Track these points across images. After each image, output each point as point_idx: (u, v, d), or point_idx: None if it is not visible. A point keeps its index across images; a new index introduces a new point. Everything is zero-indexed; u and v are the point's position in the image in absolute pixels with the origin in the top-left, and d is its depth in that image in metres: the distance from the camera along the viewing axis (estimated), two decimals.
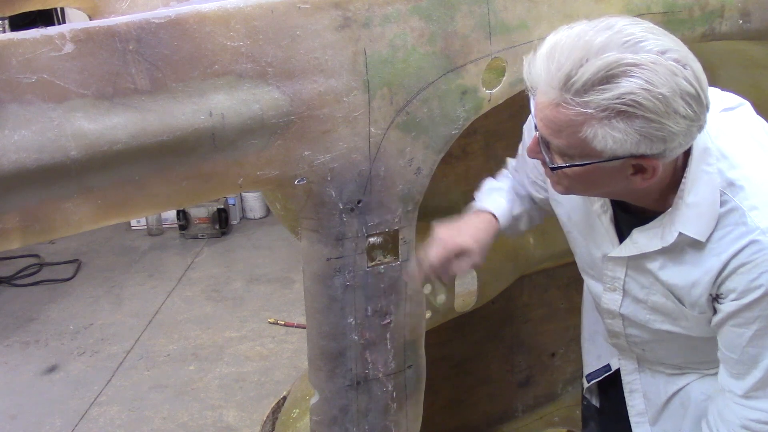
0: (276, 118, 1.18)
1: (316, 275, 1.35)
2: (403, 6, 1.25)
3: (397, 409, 1.49)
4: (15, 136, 1.00)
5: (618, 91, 0.96)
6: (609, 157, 1.03)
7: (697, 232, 1.13)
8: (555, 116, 1.03)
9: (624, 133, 0.98)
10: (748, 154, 1.13)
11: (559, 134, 1.04)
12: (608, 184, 1.11)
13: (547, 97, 1.03)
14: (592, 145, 1.01)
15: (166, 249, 4.82)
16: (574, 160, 1.06)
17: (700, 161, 1.11)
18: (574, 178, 1.11)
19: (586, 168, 1.06)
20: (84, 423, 3.03)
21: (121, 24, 1.05)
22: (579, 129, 1.01)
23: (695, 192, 1.12)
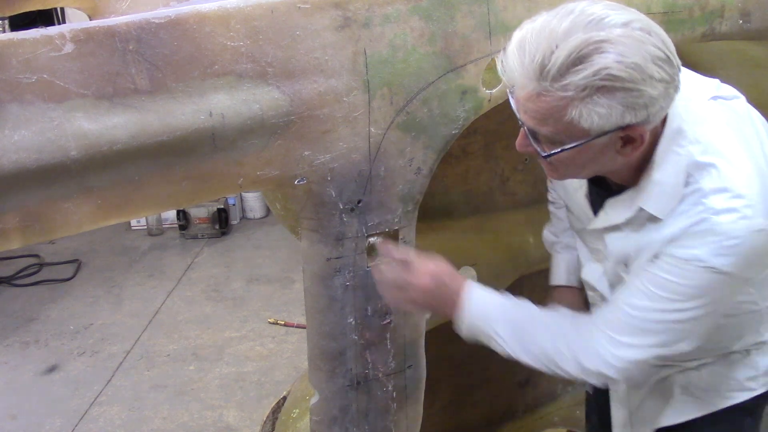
0: (276, 118, 1.18)
1: (316, 275, 1.35)
2: (403, 6, 1.25)
3: (397, 409, 1.49)
4: (15, 136, 1.00)
5: (593, 68, 0.98)
6: (597, 133, 1.05)
7: (656, 209, 1.16)
8: (537, 106, 1.05)
9: (607, 107, 1.01)
10: (724, 141, 1.14)
11: (545, 122, 1.06)
12: (600, 161, 1.13)
13: (526, 90, 1.05)
14: (580, 125, 1.04)
15: (166, 249, 4.82)
16: (565, 144, 1.08)
17: (671, 142, 1.14)
18: (568, 162, 1.12)
19: (578, 149, 1.08)
20: (84, 423, 3.03)
21: (121, 24, 1.05)
22: (563, 113, 1.03)
23: (662, 170, 1.15)
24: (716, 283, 1.12)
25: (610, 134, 1.06)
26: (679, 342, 1.19)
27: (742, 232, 1.08)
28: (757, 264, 1.14)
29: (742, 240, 1.08)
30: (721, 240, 1.09)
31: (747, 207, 1.09)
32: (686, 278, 1.12)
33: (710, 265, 1.10)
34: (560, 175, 1.20)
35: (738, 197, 1.09)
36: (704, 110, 1.17)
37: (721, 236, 1.09)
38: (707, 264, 1.10)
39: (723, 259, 1.09)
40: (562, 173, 1.19)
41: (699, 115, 1.16)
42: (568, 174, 1.20)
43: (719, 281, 1.12)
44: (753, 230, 1.09)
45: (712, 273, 1.10)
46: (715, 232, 1.09)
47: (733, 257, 1.09)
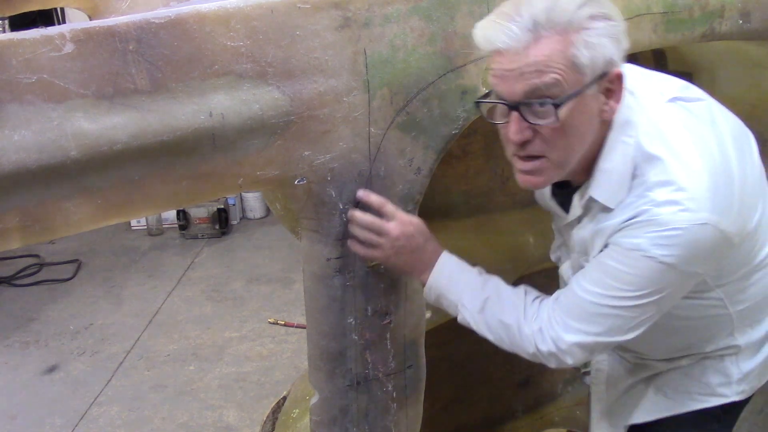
0: (276, 118, 1.18)
1: (316, 275, 1.35)
2: (403, 6, 1.25)
3: (397, 409, 1.49)
4: (15, 136, 1.00)
5: (578, 2, 1.08)
6: (591, 77, 1.10)
7: (604, 198, 1.20)
8: (537, 54, 1.08)
9: (598, 36, 1.08)
10: (674, 137, 1.17)
11: (547, 69, 1.08)
12: (589, 125, 1.15)
13: (521, 45, 1.08)
14: (578, 63, 1.08)
15: (166, 249, 4.82)
16: (565, 92, 1.09)
17: (620, 132, 1.18)
18: (565, 129, 1.12)
19: (576, 104, 1.11)
20: (84, 423, 3.03)
21: (121, 24, 1.05)
22: (564, 48, 1.08)
23: (610, 159, 1.19)
24: (658, 274, 1.14)
25: (597, 83, 1.11)
26: (622, 331, 1.21)
27: (683, 224, 1.11)
28: (701, 258, 1.16)
29: (682, 232, 1.11)
30: (661, 231, 1.12)
31: (689, 200, 1.12)
32: (630, 267, 1.16)
33: (650, 254, 1.13)
34: (550, 166, 1.18)
35: (680, 190, 1.12)
36: (659, 109, 1.21)
37: (662, 227, 1.12)
38: (647, 253, 1.13)
39: (663, 249, 1.12)
40: (552, 161, 1.17)
41: (652, 111, 1.20)
42: (558, 159, 1.17)
43: (661, 272, 1.14)
44: (694, 223, 1.11)
45: (653, 263, 1.13)
46: (656, 222, 1.12)
47: (672, 248, 1.12)
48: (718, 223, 1.13)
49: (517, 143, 1.15)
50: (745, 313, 1.36)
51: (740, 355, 1.40)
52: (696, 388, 1.42)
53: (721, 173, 1.16)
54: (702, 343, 1.39)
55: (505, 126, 1.16)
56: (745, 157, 1.25)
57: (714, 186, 1.13)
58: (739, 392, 1.41)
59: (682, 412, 1.44)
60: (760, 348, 1.41)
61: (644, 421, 1.49)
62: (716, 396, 1.42)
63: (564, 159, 1.17)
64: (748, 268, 1.30)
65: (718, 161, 1.17)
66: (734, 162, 1.20)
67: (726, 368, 1.40)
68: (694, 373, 1.42)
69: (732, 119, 1.29)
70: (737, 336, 1.38)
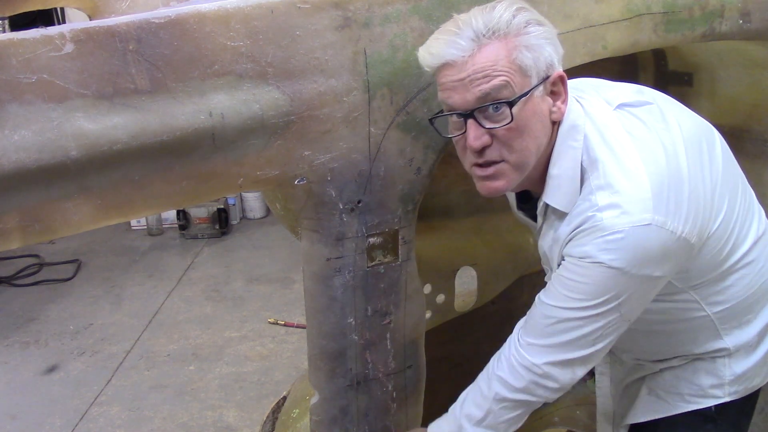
0: (276, 118, 1.18)
1: (316, 275, 1.35)
2: (403, 6, 1.25)
3: (397, 409, 1.49)
4: (15, 136, 1.00)
5: (511, 9, 1.14)
6: (537, 79, 1.14)
7: (558, 203, 1.22)
8: (483, 61, 1.12)
9: (537, 40, 1.13)
10: (615, 140, 1.20)
11: (495, 72, 1.12)
12: (541, 126, 1.18)
13: (467, 54, 1.12)
14: (523, 65, 1.13)
15: (166, 249, 4.82)
16: (515, 94, 1.13)
17: (567, 137, 1.21)
18: (521, 128, 1.15)
19: (527, 104, 1.14)
20: (84, 423, 3.03)
21: (121, 24, 1.05)
22: (507, 53, 1.12)
23: (558, 165, 1.21)
24: (609, 280, 1.15)
25: (543, 85, 1.15)
26: (588, 343, 1.22)
27: (624, 227, 1.12)
28: (651, 260, 1.16)
29: (624, 235, 1.12)
30: (605, 236, 1.13)
31: (628, 203, 1.13)
32: (582, 276, 1.17)
33: (599, 260, 1.14)
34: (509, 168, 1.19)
35: (617, 193, 1.14)
36: (604, 116, 1.23)
37: (605, 232, 1.13)
38: (596, 260, 1.14)
39: (610, 254, 1.13)
40: (512, 163, 1.18)
41: (597, 118, 1.22)
42: (517, 161, 1.18)
43: (611, 277, 1.15)
44: (636, 225, 1.12)
45: (603, 269, 1.14)
46: (600, 228, 1.14)
47: (618, 252, 1.13)
48: (664, 224, 1.13)
49: (476, 149, 1.17)
50: (727, 315, 1.35)
51: (732, 356, 1.39)
52: (687, 389, 1.42)
53: (665, 175, 1.17)
54: (688, 345, 1.39)
55: (461, 138, 1.19)
56: (702, 158, 1.25)
57: (657, 187, 1.14)
58: (731, 393, 1.41)
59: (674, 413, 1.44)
60: (755, 349, 1.40)
61: (639, 421, 1.49)
62: (708, 397, 1.41)
63: (521, 160, 1.19)
64: (721, 269, 1.30)
65: (662, 163, 1.18)
66: (684, 163, 1.20)
67: (718, 370, 1.40)
68: (686, 374, 1.42)
69: (689, 120, 1.29)
70: (725, 338, 1.37)
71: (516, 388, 1.27)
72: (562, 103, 1.19)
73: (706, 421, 1.43)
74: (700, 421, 1.43)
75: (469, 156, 1.20)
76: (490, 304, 1.99)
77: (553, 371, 1.24)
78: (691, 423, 1.43)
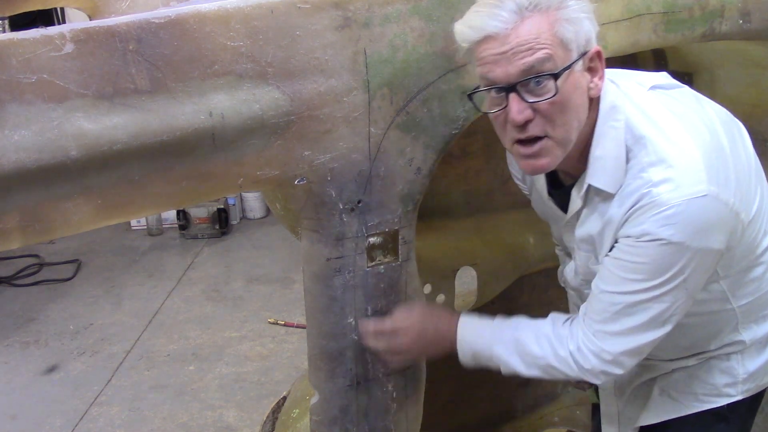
0: (276, 118, 1.18)
1: (316, 275, 1.35)
2: (403, 6, 1.25)
3: (397, 409, 1.49)
4: (15, 136, 1.00)
5: None
6: (576, 53, 1.14)
7: (604, 184, 1.21)
8: (526, 33, 1.11)
9: (576, 14, 1.13)
10: (659, 117, 1.20)
11: (538, 45, 1.11)
12: (581, 101, 1.17)
13: (509, 27, 1.11)
14: (564, 39, 1.12)
15: (166, 249, 4.82)
16: (558, 67, 1.12)
17: (608, 117, 1.20)
18: (564, 102, 1.14)
19: (568, 78, 1.13)
20: (84, 423, 3.03)
21: (121, 24, 1.05)
22: (550, 26, 1.11)
23: (601, 146, 1.21)
24: (673, 256, 1.14)
25: (581, 60, 1.15)
26: (658, 324, 1.21)
27: (681, 200, 1.12)
28: (710, 231, 1.15)
29: (682, 208, 1.12)
30: (663, 211, 1.12)
31: (682, 176, 1.13)
32: (644, 255, 1.16)
33: (659, 237, 1.13)
34: (553, 144, 1.18)
35: (672, 167, 1.14)
36: (641, 96, 1.23)
37: (662, 207, 1.12)
38: (656, 236, 1.13)
39: (669, 228, 1.12)
40: (555, 139, 1.17)
41: (635, 98, 1.22)
42: (561, 136, 1.18)
43: (674, 253, 1.14)
44: (693, 197, 1.12)
45: (664, 245, 1.13)
46: (657, 204, 1.13)
47: (677, 226, 1.12)
48: (718, 195, 1.13)
49: (519, 123, 1.15)
50: (749, 309, 1.36)
51: (745, 353, 1.39)
52: (701, 388, 1.42)
53: (711, 149, 1.17)
54: (707, 341, 1.39)
55: (501, 114, 1.17)
56: (736, 140, 1.26)
57: (706, 160, 1.14)
58: (744, 391, 1.41)
59: (687, 413, 1.44)
60: (765, 346, 1.41)
61: (651, 423, 1.48)
62: (722, 396, 1.41)
63: (565, 136, 1.18)
64: (750, 259, 1.30)
65: (707, 137, 1.18)
66: (725, 140, 1.21)
67: (732, 368, 1.40)
68: (700, 373, 1.42)
69: (718, 107, 1.30)
70: (742, 332, 1.38)
71: (579, 370, 1.27)
72: (599, 79, 1.19)
73: (719, 419, 1.43)
74: (713, 420, 1.43)
75: (510, 132, 1.18)
76: (490, 304, 1.99)
77: (624, 359, 1.24)
78: (704, 422, 1.43)
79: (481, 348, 1.35)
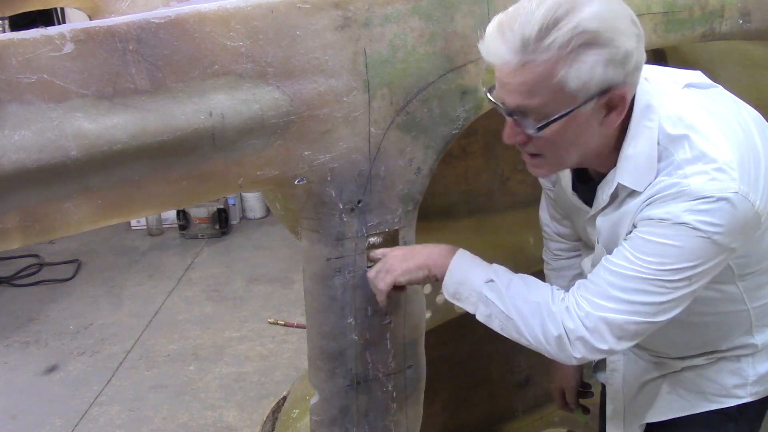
0: (276, 118, 1.18)
1: (316, 275, 1.35)
2: (403, 6, 1.25)
3: (397, 409, 1.49)
4: (15, 136, 1.00)
5: (570, 24, 1.04)
6: (584, 98, 1.09)
7: (633, 182, 1.19)
8: (524, 78, 1.08)
9: (590, 64, 1.06)
10: (695, 116, 1.18)
11: (534, 93, 1.09)
12: (585, 137, 1.15)
13: (510, 66, 1.08)
14: (567, 87, 1.07)
15: (166, 249, 4.82)
16: (554, 112, 1.10)
17: (642, 117, 1.18)
18: (557, 138, 1.13)
19: (567, 120, 1.10)
20: (84, 423, 3.03)
21: (121, 24, 1.05)
22: (549, 77, 1.07)
23: (634, 145, 1.19)
24: (692, 243, 1.13)
25: (595, 100, 1.10)
26: (651, 310, 1.18)
27: (714, 193, 1.11)
28: (733, 230, 1.14)
29: (710, 201, 1.11)
30: (692, 199, 1.11)
31: (718, 171, 1.12)
32: (662, 236, 1.14)
33: (683, 221, 1.12)
34: (548, 164, 1.20)
35: (710, 162, 1.12)
36: (676, 94, 1.22)
37: (693, 196, 1.11)
38: (680, 220, 1.12)
39: (695, 215, 1.11)
40: (549, 161, 1.19)
41: (670, 96, 1.21)
42: (555, 161, 1.19)
43: (694, 240, 1.12)
44: (725, 192, 1.11)
45: (687, 229, 1.12)
46: (687, 193, 1.12)
47: (705, 215, 1.11)
48: (747, 195, 1.12)
49: (510, 144, 1.17)
50: (763, 311, 1.35)
51: (757, 356, 1.39)
52: (710, 388, 1.41)
53: (745, 148, 1.16)
54: (719, 341, 1.38)
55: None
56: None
57: (740, 159, 1.13)
58: (753, 393, 1.40)
59: (695, 412, 1.43)
60: None
61: (658, 420, 1.48)
62: (731, 397, 1.41)
63: (559, 160, 1.19)
64: None
65: (742, 138, 1.17)
66: (759, 141, 1.20)
67: (742, 369, 1.39)
68: (709, 373, 1.41)
69: (752, 110, 1.29)
70: (755, 335, 1.37)
71: (563, 329, 1.21)
72: (617, 115, 1.14)
73: (729, 420, 1.42)
74: (723, 421, 1.42)
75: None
76: None
77: (603, 328, 1.18)
78: (714, 422, 1.43)
79: (473, 278, 1.29)
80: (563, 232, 1.60)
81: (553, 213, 1.59)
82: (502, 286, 1.27)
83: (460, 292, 1.29)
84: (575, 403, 1.75)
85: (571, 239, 1.60)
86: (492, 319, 1.28)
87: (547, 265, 1.70)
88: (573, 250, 1.61)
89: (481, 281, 1.28)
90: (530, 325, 1.24)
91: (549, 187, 1.53)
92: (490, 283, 1.28)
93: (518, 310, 1.25)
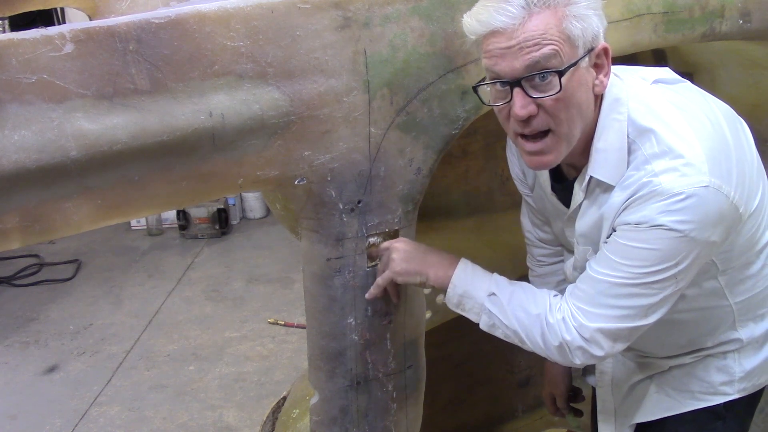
0: (276, 118, 1.18)
1: (316, 275, 1.35)
2: (403, 6, 1.25)
3: (397, 409, 1.49)
4: (15, 136, 1.00)
5: None
6: (583, 50, 1.14)
7: (605, 175, 1.21)
8: (534, 28, 1.11)
9: (585, 10, 1.13)
10: (662, 109, 1.20)
11: (545, 41, 1.11)
12: (586, 100, 1.18)
13: (517, 21, 1.11)
14: (572, 36, 1.12)
15: (166, 249, 4.82)
16: (563, 63, 1.12)
17: (610, 110, 1.21)
18: (568, 100, 1.14)
19: (573, 76, 1.14)
20: (84, 423, 3.03)
21: (121, 24, 1.05)
22: (558, 22, 1.12)
23: (604, 138, 1.21)
24: (669, 243, 1.14)
25: (590, 55, 1.15)
26: (642, 312, 1.20)
27: (685, 188, 1.12)
28: (710, 223, 1.15)
29: (685, 197, 1.12)
30: (665, 199, 1.13)
31: (687, 165, 1.13)
32: (642, 241, 1.15)
33: (658, 223, 1.13)
34: (557, 139, 1.19)
35: (677, 157, 1.14)
36: (644, 89, 1.24)
37: (665, 195, 1.13)
38: (655, 223, 1.13)
39: (669, 216, 1.12)
40: (558, 135, 1.18)
41: (639, 91, 1.23)
42: (565, 132, 1.18)
43: (671, 240, 1.14)
44: (696, 186, 1.12)
45: (663, 231, 1.13)
46: (659, 192, 1.13)
47: (678, 214, 1.12)
48: (720, 187, 1.14)
49: (522, 118, 1.15)
50: (746, 306, 1.36)
51: (742, 351, 1.40)
52: (698, 386, 1.42)
53: (714, 142, 1.17)
54: (704, 338, 1.39)
55: (505, 108, 1.17)
56: (740, 136, 1.26)
57: (709, 152, 1.15)
58: (740, 390, 1.41)
59: (684, 411, 1.44)
60: (763, 345, 1.41)
61: (647, 420, 1.49)
62: (718, 394, 1.41)
63: (568, 132, 1.18)
64: (749, 255, 1.31)
65: (711, 131, 1.19)
66: (728, 134, 1.21)
67: (728, 366, 1.40)
68: (697, 372, 1.42)
69: (722, 103, 1.30)
70: (739, 330, 1.38)
71: (562, 341, 1.23)
72: (604, 76, 1.19)
73: (716, 418, 1.43)
74: (710, 419, 1.43)
75: (513, 125, 1.18)
76: None
77: (600, 338, 1.21)
78: (701, 420, 1.44)
79: (475, 290, 1.31)
80: (545, 238, 1.61)
81: (534, 219, 1.60)
82: (504, 299, 1.29)
83: (464, 303, 1.32)
84: (566, 408, 1.76)
85: (553, 244, 1.61)
86: (495, 328, 1.31)
87: (531, 272, 1.71)
88: (556, 255, 1.62)
89: (484, 294, 1.30)
90: (532, 336, 1.27)
91: (527, 193, 1.54)
92: (492, 296, 1.30)
93: (520, 322, 1.28)
